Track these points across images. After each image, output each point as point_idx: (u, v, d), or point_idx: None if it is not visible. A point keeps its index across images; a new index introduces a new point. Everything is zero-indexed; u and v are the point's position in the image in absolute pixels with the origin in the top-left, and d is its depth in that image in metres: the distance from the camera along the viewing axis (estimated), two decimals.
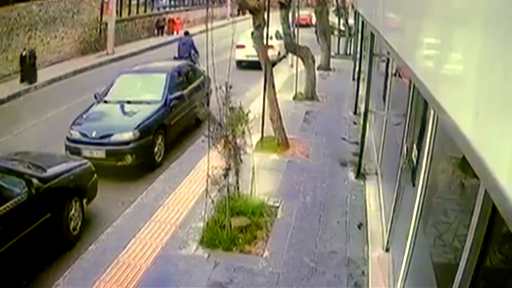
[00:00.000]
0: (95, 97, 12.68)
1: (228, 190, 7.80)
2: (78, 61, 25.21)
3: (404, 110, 6.56)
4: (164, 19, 38.88)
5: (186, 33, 21.79)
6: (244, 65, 22.68)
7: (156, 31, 37.65)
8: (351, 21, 27.72)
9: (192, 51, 19.65)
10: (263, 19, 11.65)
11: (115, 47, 28.40)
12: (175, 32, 37.59)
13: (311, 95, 17.06)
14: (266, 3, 12.03)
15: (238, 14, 34.79)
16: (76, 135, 10.90)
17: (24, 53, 20.29)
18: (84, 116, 11.74)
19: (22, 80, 19.92)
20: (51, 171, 7.94)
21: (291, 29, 17.99)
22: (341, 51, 28.30)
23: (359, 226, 8.24)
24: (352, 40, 25.71)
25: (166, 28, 38.60)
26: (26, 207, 6.95)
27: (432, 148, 4.65)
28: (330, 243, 7.74)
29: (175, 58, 19.44)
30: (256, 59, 13.60)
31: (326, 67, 22.47)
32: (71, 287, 6.65)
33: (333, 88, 18.88)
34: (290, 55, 21.58)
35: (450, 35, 3.09)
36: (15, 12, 22.24)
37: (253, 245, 7.61)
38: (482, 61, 2.31)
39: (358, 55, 18.94)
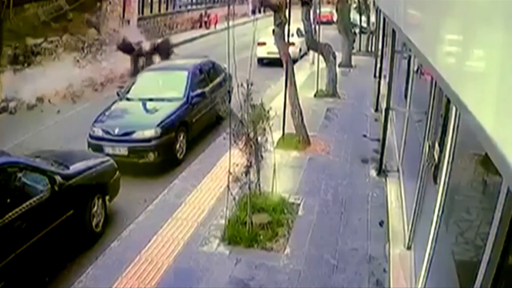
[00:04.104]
0: (118, 95, 12.79)
1: (249, 187, 7.83)
2: None
3: (425, 108, 6.51)
4: (206, 14, 42.88)
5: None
6: (265, 62, 22.67)
7: (199, 25, 42.28)
8: (372, 18, 27.57)
9: None
10: (285, 16, 11.64)
11: None
12: (212, 26, 41.48)
13: (332, 92, 17.02)
14: (288, 0, 12.00)
15: (260, 12, 34.90)
16: (98, 132, 11.01)
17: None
18: (107, 113, 11.84)
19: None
20: (74, 168, 8.02)
21: (313, 26, 17.90)
22: (363, 48, 28.16)
23: (381, 224, 8.20)
24: (374, 37, 25.57)
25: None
26: (49, 204, 7.04)
27: (454, 145, 4.61)
28: (351, 240, 7.72)
29: None
30: (277, 56, 13.58)
31: (347, 64, 22.39)
32: (94, 283, 6.72)
33: (354, 85, 18.81)
34: (311, 52, 21.54)
35: (473, 32, 3.06)
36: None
37: (274, 242, 7.61)
38: (505, 59, 2.29)
39: (379, 52, 18.83)
